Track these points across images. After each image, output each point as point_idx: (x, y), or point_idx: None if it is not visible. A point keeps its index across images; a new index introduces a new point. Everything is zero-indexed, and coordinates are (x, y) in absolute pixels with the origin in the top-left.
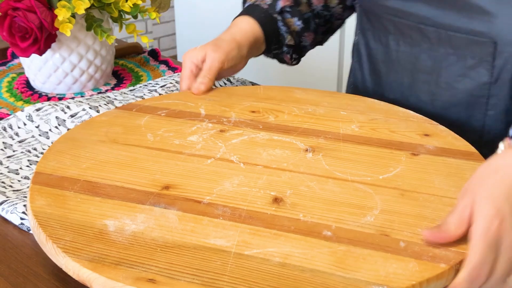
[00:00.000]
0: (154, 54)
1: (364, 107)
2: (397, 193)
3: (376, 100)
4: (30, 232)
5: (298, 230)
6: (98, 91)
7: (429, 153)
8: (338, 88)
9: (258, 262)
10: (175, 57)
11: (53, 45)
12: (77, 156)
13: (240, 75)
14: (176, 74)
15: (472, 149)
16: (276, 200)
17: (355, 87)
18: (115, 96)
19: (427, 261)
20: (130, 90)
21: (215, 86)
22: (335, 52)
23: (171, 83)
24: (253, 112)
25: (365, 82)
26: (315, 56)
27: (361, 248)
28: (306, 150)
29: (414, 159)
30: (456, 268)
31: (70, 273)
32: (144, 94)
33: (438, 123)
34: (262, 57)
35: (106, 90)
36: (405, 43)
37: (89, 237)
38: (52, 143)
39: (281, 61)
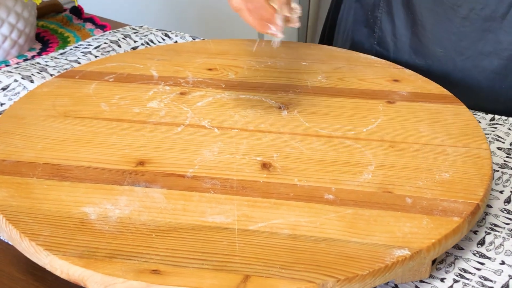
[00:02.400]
0: (76, 11)
1: (323, 55)
2: (386, 145)
3: (333, 47)
4: None
5: (298, 197)
6: (24, 58)
7: (404, 99)
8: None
9: (266, 236)
10: None
11: None
12: (28, 136)
13: (153, 25)
14: (107, 32)
15: (444, 91)
16: (265, 166)
17: (382, 42)
18: (46, 62)
19: (439, 216)
20: (61, 54)
21: (154, 44)
22: None
23: (105, 43)
24: (210, 70)
25: (399, 35)
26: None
27: (369, 209)
28: (280, 108)
29: (392, 108)
30: (469, 220)
31: (57, 273)
32: (79, 58)
33: (403, 67)
34: (176, 7)
35: (33, 56)
36: None
37: (70, 229)
38: None
39: None
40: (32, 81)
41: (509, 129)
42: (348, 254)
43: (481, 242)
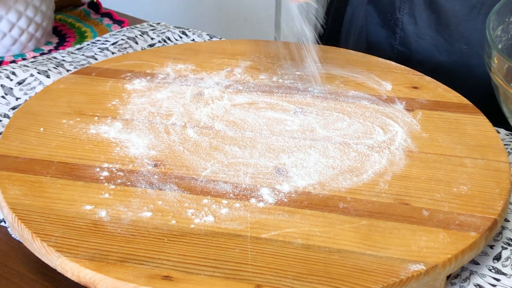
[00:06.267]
0: (94, 6)
1: (342, 59)
2: (403, 155)
3: (351, 51)
4: (1, 224)
5: (312, 205)
6: (41, 52)
7: (423, 107)
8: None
9: (279, 245)
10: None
11: None
12: (43, 133)
13: (171, 22)
14: (125, 28)
15: (465, 100)
16: (279, 172)
17: (404, 43)
18: (63, 57)
19: (456, 231)
20: (78, 49)
21: (171, 41)
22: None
23: (122, 39)
24: (227, 70)
25: (422, 35)
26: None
27: (385, 221)
28: (296, 112)
29: (410, 116)
30: (486, 235)
31: (68, 275)
32: (96, 54)
33: (423, 74)
34: (194, 4)
35: (50, 50)
36: None
37: (82, 230)
38: (1, 115)
39: None
40: (48, 76)
41: None
42: (362, 267)
43: (497, 257)
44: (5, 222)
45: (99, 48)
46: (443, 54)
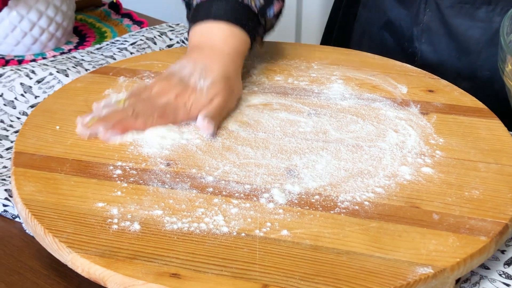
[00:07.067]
0: (115, 7)
1: (358, 62)
2: (416, 158)
3: (369, 54)
4: (16, 220)
5: (323, 207)
6: (61, 51)
7: (438, 111)
8: (297, 40)
9: (287, 246)
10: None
11: (9, 2)
12: (59, 131)
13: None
14: (144, 29)
15: (480, 104)
16: (290, 173)
17: (424, 69)
18: (82, 56)
19: (466, 235)
20: (97, 49)
21: None
22: (293, 3)
23: (141, 40)
24: (243, 72)
25: (443, 62)
26: None
27: (394, 224)
28: (310, 114)
29: (425, 119)
30: (496, 240)
31: (78, 271)
32: (114, 54)
33: (439, 78)
34: None
35: (70, 50)
36: None
37: (93, 227)
38: (20, 113)
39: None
40: (67, 75)
41: None
42: (369, 269)
43: (508, 262)
44: (19, 218)
45: (118, 48)
46: (465, 81)
